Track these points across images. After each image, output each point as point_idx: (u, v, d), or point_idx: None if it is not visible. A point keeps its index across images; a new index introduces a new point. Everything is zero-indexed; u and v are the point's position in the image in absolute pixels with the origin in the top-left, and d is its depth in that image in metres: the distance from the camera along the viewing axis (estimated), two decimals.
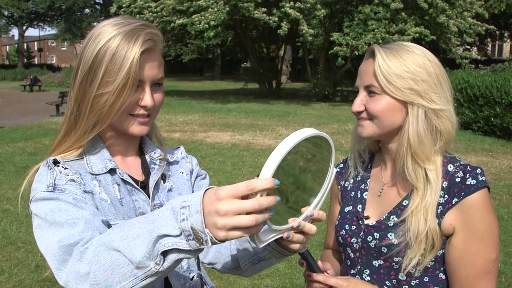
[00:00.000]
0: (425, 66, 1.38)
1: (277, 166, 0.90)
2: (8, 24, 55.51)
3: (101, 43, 1.19)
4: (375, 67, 1.38)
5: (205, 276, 1.46)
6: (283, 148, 0.92)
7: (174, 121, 14.46)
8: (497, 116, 11.57)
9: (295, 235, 1.08)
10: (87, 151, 1.27)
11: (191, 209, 0.89)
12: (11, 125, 14.34)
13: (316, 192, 1.11)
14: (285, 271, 4.40)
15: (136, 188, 1.29)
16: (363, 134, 1.46)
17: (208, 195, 0.90)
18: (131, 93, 1.19)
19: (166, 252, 0.92)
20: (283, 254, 1.23)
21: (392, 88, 1.36)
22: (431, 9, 18.84)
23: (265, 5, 19.17)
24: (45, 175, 1.17)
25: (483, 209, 1.34)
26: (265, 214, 0.89)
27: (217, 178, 7.71)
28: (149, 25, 1.25)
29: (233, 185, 0.88)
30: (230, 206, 0.86)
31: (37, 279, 4.27)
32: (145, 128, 1.27)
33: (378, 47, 1.41)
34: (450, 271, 1.39)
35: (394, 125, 1.41)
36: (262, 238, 1.01)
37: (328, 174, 1.12)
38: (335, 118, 15.45)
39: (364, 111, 1.43)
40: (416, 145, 1.36)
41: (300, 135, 0.95)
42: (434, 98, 1.37)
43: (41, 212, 1.12)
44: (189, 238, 0.89)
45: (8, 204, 6.36)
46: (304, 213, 1.08)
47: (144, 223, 0.94)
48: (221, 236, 0.87)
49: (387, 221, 1.44)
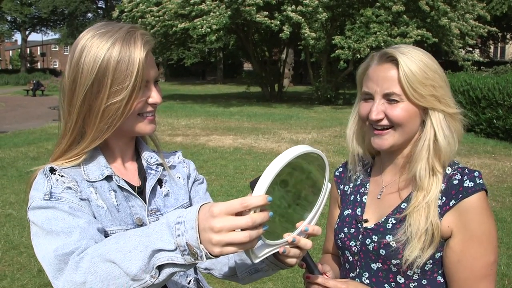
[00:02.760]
0: (438, 71, 1.40)
1: (270, 183, 0.92)
2: (11, 29, 55.79)
3: (100, 53, 1.19)
4: (400, 74, 1.36)
5: (202, 280, 1.47)
6: (276, 165, 0.93)
7: (177, 125, 14.48)
8: (500, 118, 11.56)
9: (291, 250, 1.09)
10: (83, 158, 1.27)
11: (186, 225, 0.90)
12: (14, 129, 14.38)
13: (311, 207, 1.12)
14: (287, 275, 4.40)
15: (133, 194, 1.30)
16: (384, 146, 1.42)
17: (202, 212, 0.90)
18: (140, 95, 1.22)
19: (161, 266, 0.93)
20: (280, 267, 1.25)
21: (417, 95, 1.36)
22: (432, 12, 18.83)
23: (266, 8, 19.19)
24: (42, 183, 1.18)
25: (481, 212, 1.33)
26: (259, 230, 0.91)
27: (219, 182, 7.71)
28: (136, 26, 1.27)
29: (227, 202, 0.90)
30: (225, 223, 0.87)
31: (39, 283, 4.27)
32: (155, 125, 1.31)
33: (396, 52, 1.39)
34: (448, 274, 1.39)
35: (414, 131, 1.42)
36: (258, 253, 1.03)
37: (322, 189, 1.13)
38: (337, 121, 15.45)
39: (384, 118, 1.40)
40: (446, 147, 1.37)
41: (293, 152, 0.96)
42: (450, 102, 1.40)
43: (38, 221, 1.13)
44: (184, 253, 0.91)
45: (10, 209, 6.37)
46: (298, 228, 1.09)
47: (140, 236, 0.95)
48: (216, 252, 0.89)
49: (385, 224, 1.44)
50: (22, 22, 52.64)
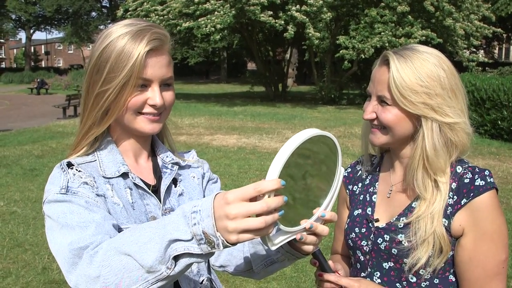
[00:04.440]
0: (440, 78, 1.35)
1: (283, 166, 0.91)
2: (15, 27, 55.99)
3: (107, 42, 1.21)
4: (389, 79, 1.36)
5: (215, 280, 1.46)
6: (288, 148, 0.93)
7: (181, 124, 14.48)
8: (504, 119, 11.53)
9: (308, 237, 1.08)
10: (100, 154, 1.28)
11: (202, 213, 0.90)
12: (18, 128, 14.42)
13: (326, 193, 1.11)
14: (292, 274, 4.39)
15: (148, 193, 1.30)
16: (374, 142, 1.46)
17: (217, 200, 0.90)
18: (133, 90, 1.21)
19: (177, 257, 0.92)
20: (296, 256, 1.24)
21: (406, 102, 1.35)
22: (437, 12, 18.79)
23: (271, 8, 19.19)
24: (59, 177, 1.18)
25: (493, 210, 1.33)
26: (274, 215, 0.90)
27: (223, 181, 7.71)
28: (157, 25, 1.27)
29: (241, 188, 0.89)
30: (240, 210, 0.87)
31: (44, 281, 4.28)
32: (157, 126, 1.27)
33: (392, 54, 1.38)
34: (459, 273, 1.38)
35: (406, 134, 1.41)
36: (275, 240, 1.02)
37: (336, 174, 1.12)
38: (342, 121, 15.44)
39: (376, 119, 1.42)
40: (433, 158, 1.36)
41: (304, 135, 0.96)
42: (448, 112, 1.35)
43: (54, 214, 1.13)
44: (200, 242, 0.90)
45: (15, 207, 6.39)
46: (315, 214, 1.08)
47: (155, 228, 0.95)
48: (232, 239, 0.88)
49: (397, 223, 1.44)
50: (26, 20, 52.75)
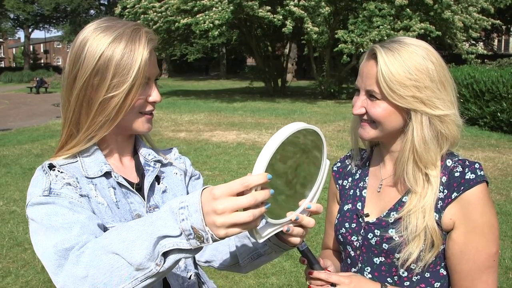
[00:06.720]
0: (429, 71, 1.34)
1: (269, 160, 0.92)
2: (14, 26, 55.96)
3: (104, 46, 1.19)
4: (378, 74, 1.35)
5: (203, 274, 1.47)
6: (274, 142, 0.94)
7: (180, 121, 14.47)
8: (504, 111, 11.52)
9: (295, 229, 1.09)
10: (81, 154, 1.27)
11: (190, 209, 0.90)
12: (17, 127, 14.42)
13: (312, 185, 1.13)
14: (291, 269, 4.40)
15: (132, 191, 1.30)
16: (364, 136, 1.45)
17: (204, 195, 0.91)
18: (140, 92, 1.22)
19: (166, 253, 0.93)
20: (283, 248, 1.25)
21: (395, 96, 1.34)
22: (436, 5, 18.74)
23: (269, 3, 19.16)
24: (41, 179, 1.17)
25: (483, 204, 1.33)
26: (261, 208, 0.91)
27: (222, 177, 7.72)
28: (139, 24, 1.28)
29: (228, 183, 0.90)
30: (227, 204, 0.88)
31: (43, 280, 4.29)
32: (151, 126, 1.31)
33: (380, 48, 1.37)
34: (450, 266, 1.38)
35: (396, 128, 1.40)
36: (262, 233, 1.03)
37: (321, 166, 1.14)
38: (341, 116, 15.43)
39: (365, 113, 1.42)
40: (422, 152, 1.35)
41: (290, 129, 0.97)
42: (438, 104, 1.34)
43: (37, 217, 1.12)
44: (189, 237, 0.90)
45: (15, 206, 6.40)
46: (301, 206, 1.09)
47: (142, 225, 0.95)
48: (221, 234, 0.89)
49: (387, 218, 1.43)
50: (25, 19, 52.72)
